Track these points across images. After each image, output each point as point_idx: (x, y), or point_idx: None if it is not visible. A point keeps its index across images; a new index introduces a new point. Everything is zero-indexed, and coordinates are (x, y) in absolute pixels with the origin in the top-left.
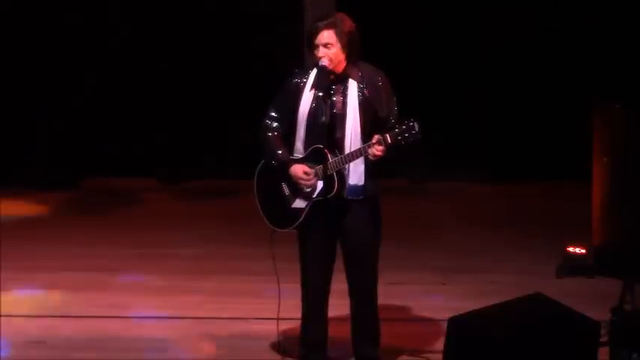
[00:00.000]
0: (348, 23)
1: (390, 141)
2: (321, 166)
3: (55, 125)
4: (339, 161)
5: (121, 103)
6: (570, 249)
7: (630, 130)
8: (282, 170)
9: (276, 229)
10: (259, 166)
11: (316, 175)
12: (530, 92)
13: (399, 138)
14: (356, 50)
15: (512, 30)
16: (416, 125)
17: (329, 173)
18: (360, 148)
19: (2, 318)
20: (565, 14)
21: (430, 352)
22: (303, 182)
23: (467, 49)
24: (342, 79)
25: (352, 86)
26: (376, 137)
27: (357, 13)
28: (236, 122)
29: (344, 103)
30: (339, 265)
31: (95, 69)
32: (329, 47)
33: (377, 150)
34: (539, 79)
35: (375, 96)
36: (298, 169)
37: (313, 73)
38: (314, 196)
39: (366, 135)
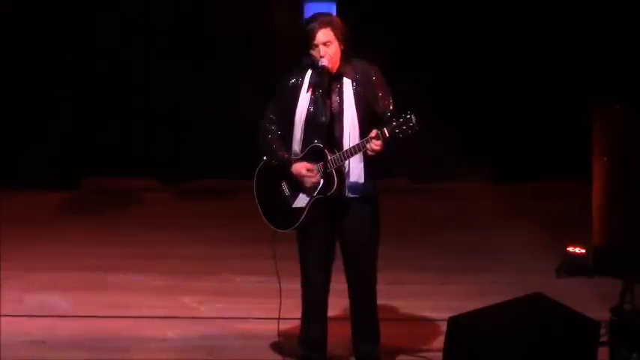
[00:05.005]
0: (338, 20)
1: (387, 135)
2: (320, 163)
3: (55, 125)
4: (338, 158)
5: (120, 102)
6: (570, 249)
7: (630, 130)
8: (282, 170)
9: (277, 230)
10: (258, 168)
11: (317, 172)
12: (531, 92)
13: (397, 131)
14: (348, 46)
15: (512, 30)
16: (413, 117)
17: (328, 170)
18: (358, 144)
19: (2, 318)
20: (565, 14)
21: (430, 351)
22: (306, 179)
23: (467, 49)
24: (337, 78)
25: (347, 84)
26: (374, 132)
27: (357, 12)
28: (236, 121)
29: (340, 102)
30: (339, 265)
31: (96, 68)
32: (328, 45)
33: (375, 145)
34: (540, 78)
35: (370, 92)
36: (301, 167)
37: (309, 73)
38: (314, 194)
39: (364, 132)
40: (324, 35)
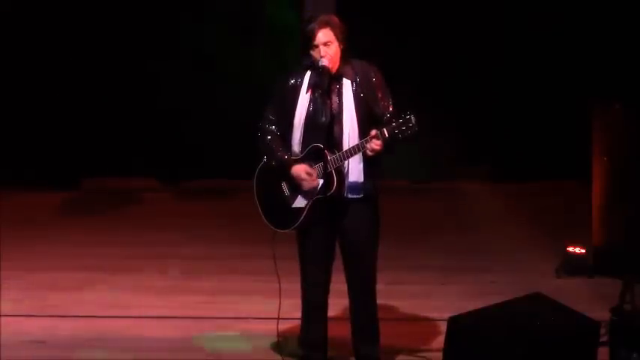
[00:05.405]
0: (337, 19)
1: (387, 135)
2: (320, 163)
3: (55, 125)
4: (337, 158)
5: (120, 102)
6: (570, 249)
7: (630, 129)
8: (282, 170)
9: (277, 230)
10: (257, 169)
11: (317, 175)
12: (530, 92)
13: (397, 132)
14: (347, 45)
15: (513, 30)
16: (413, 118)
17: (328, 171)
18: (358, 144)
19: (2, 318)
20: (564, 14)
21: (430, 351)
22: (305, 183)
23: (466, 49)
24: (336, 78)
25: (347, 85)
26: (374, 132)
27: (358, 12)
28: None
29: (340, 102)
30: (339, 265)
31: (96, 68)
32: (328, 45)
33: (375, 144)
34: (539, 78)
35: (370, 93)
36: (300, 170)
37: (308, 73)
38: (314, 194)
39: (363, 132)
40: (324, 35)
